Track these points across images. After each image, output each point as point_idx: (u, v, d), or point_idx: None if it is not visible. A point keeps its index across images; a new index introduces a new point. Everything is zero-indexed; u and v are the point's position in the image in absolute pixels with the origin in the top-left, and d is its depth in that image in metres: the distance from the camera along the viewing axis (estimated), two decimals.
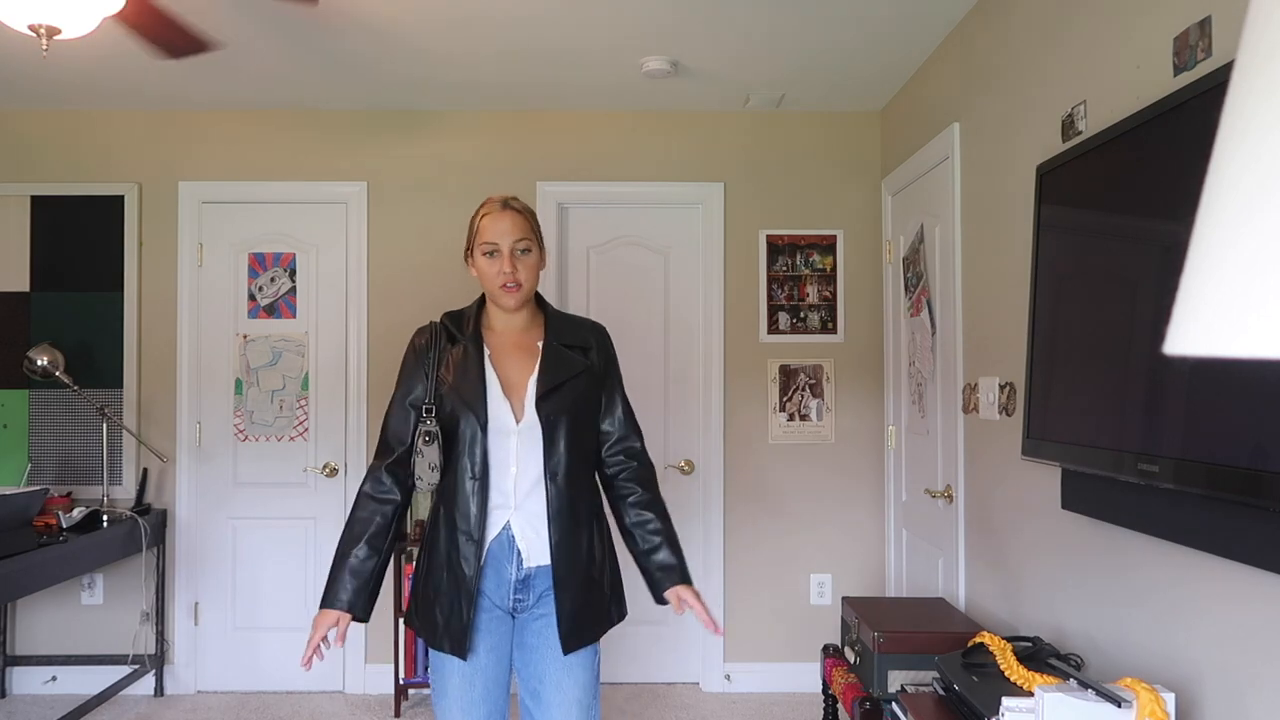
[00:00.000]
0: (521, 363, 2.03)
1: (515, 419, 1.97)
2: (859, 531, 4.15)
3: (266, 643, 4.13)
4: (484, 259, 2.01)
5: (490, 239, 2.00)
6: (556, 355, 2.02)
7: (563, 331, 2.07)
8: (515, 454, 1.97)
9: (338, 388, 4.16)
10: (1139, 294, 1.91)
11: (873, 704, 2.53)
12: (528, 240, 2.02)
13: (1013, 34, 2.75)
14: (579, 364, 2.03)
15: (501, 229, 2.00)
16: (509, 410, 1.98)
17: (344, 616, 1.95)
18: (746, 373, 4.16)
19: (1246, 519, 1.59)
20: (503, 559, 1.97)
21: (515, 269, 1.99)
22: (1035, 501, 2.55)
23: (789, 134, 4.20)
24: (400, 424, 2.05)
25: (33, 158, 4.15)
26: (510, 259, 1.99)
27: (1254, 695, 1.65)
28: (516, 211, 2.03)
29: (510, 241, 1.99)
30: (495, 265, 1.99)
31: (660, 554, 2.03)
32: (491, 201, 2.04)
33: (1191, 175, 1.70)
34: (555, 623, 1.95)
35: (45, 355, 3.87)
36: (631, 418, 2.13)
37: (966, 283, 3.09)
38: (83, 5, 2.23)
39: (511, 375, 2.02)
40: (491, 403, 1.97)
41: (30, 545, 3.23)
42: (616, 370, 2.14)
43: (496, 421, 1.96)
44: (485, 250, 2.01)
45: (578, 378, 2.01)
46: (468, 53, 3.47)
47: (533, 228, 2.04)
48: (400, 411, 2.06)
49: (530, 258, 2.02)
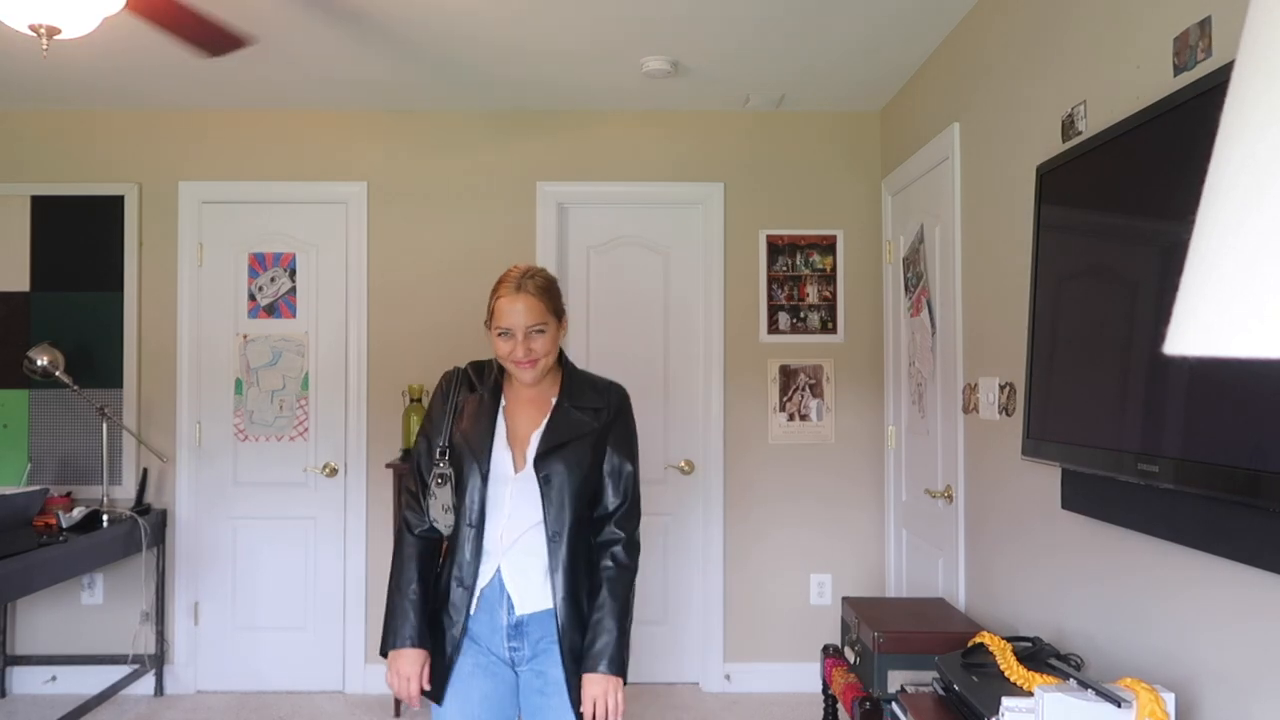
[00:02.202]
0: (531, 416, 2.03)
1: (514, 468, 1.99)
2: (859, 531, 4.15)
3: (266, 643, 4.13)
4: (499, 339, 1.99)
5: (504, 324, 1.97)
6: (565, 416, 2.01)
7: (577, 393, 2.06)
8: (510, 501, 1.98)
9: (338, 388, 4.16)
10: (1139, 294, 1.91)
11: (873, 704, 2.53)
12: (543, 324, 1.98)
13: (1013, 34, 2.75)
14: (586, 426, 2.01)
15: (515, 313, 1.96)
16: (509, 459, 1.99)
17: (424, 654, 1.97)
18: (746, 373, 4.16)
19: (1246, 519, 1.59)
20: (495, 604, 1.98)
21: (530, 350, 1.97)
22: (1035, 501, 2.55)
23: (789, 134, 4.20)
24: (426, 460, 2.06)
25: (33, 158, 4.15)
26: (525, 342, 1.96)
27: (1254, 695, 1.64)
28: (530, 295, 1.98)
29: (524, 326, 1.96)
30: (509, 346, 1.97)
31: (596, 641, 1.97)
32: (508, 281, 2.00)
33: (1191, 175, 1.70)
34: (561, 679, 1.94)
35: (45, 355, 3.87)
36: (630, 495, 2.05)
37: (966, 283, 3.09)
38: (83, 5, 2.23)
39: (519, 427, 2.03)
40: (495, 451, 1.99)
41: (30, 545, 3.23)
42: (625, 433, 2.08)
43: (498, 469, 1.98)
44: (499, 332, 1.98)
45: (582, 439, 2.00)
46: (468, 52, 3.47)
47: (549, 307, 2.00)
48: (427, 449, 2.06)
49: (545, 335, 1.99)
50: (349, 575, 4.12)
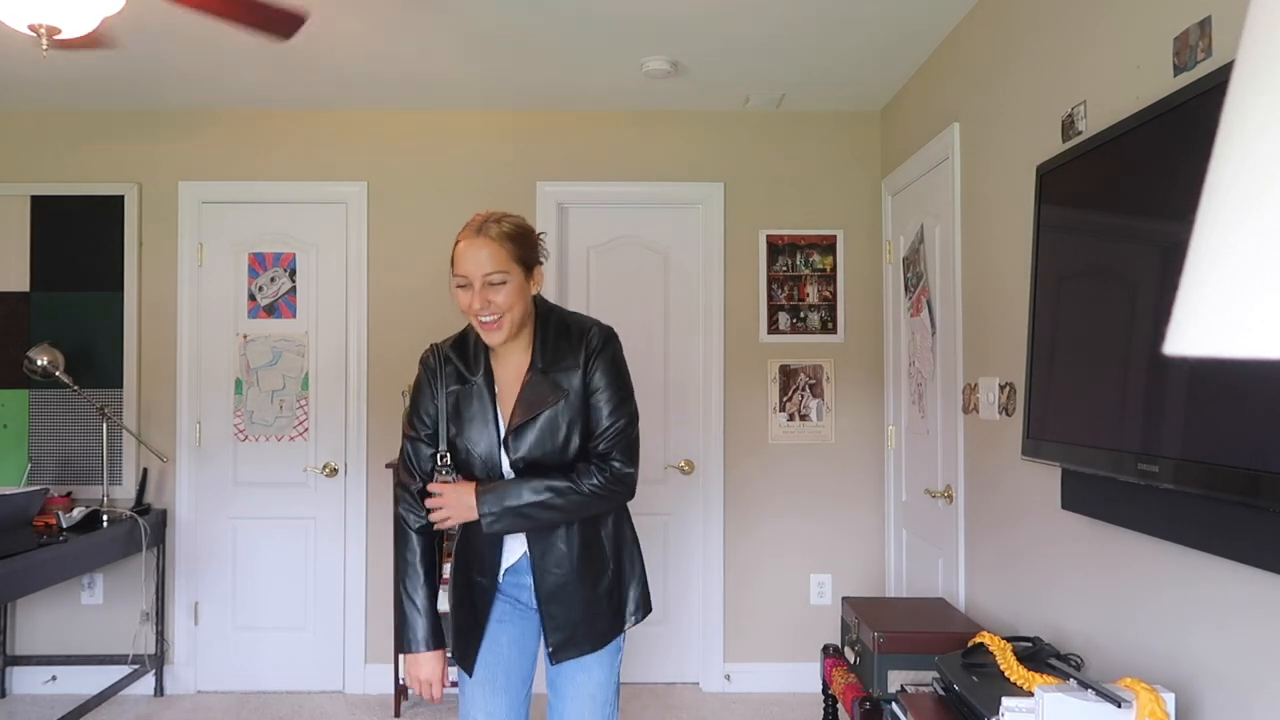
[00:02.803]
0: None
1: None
2: (859, 531, 4.15)
3: (266, 643, 4.13)
4: (459, 291, 1.84)
5: (460, 270, 1.82)
6: (534, 388, 1.88)
7: (552, 354, 1.90)
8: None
9: (338, 388, 4.16)
10: (1139, 294, 1.91)
11: (873, 704, 2.53)
12: (503, 272, 1.80)
13: (1013, 34, 2.75)
14: (556, 394, 1.87)
15: (471, 260, 1.80)
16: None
17: (441, 654, 1.98)
18: (746, 373, 4.16)
19: (1246, 519, 1.59)
20: (523, 573, 1.99)
21: (487, 303, 1.80)
22: (1035, 501, 2.55)
23: (789, 134, 4.20)
24: (420, 452, 1.98)
25: (33, 158, 4.15)
26: (482, 293, 1.80)
27: (1254, 695, 1.64)
28: (491, 240, 1.80)
29: (480, 274, 1.79)
30: (466, 298, 1.82)
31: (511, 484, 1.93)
32: (470, 225, 1.84)
33: (1191, 175, 1.70)
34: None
35: (45, 355, 3.87)
36: (620, 433, 1.91)
37: (966, 283, 3.09)
38: (83, 5, 2.23)
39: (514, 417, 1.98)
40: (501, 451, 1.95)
41: (30, 545, 3.23)
42: (610, 377, 1.91)
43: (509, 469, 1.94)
44: (459, 282, 1.83)
45: (553, 408, 1.87)
46: (468, 52, 3.47)
47: (512, 255, 1.82)
48: (414, 453, 1.99)
49: (507, 287, 1.81)
50: (349, 575, 4.12)
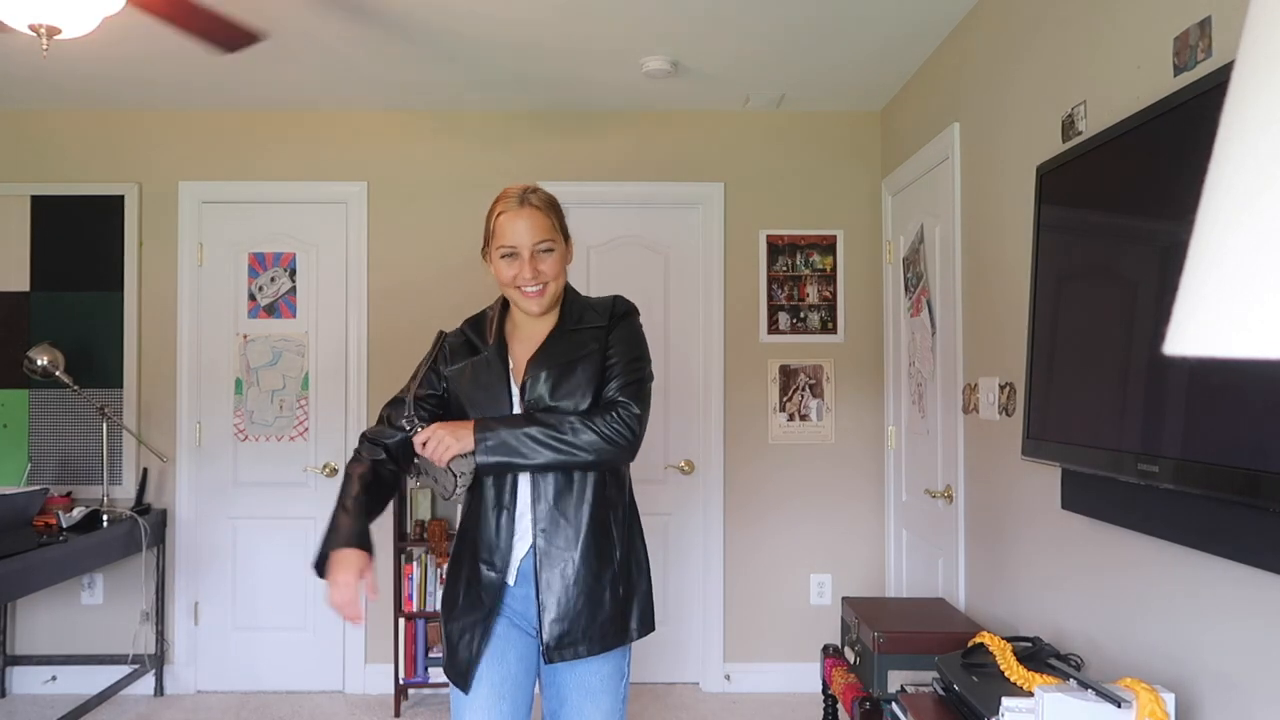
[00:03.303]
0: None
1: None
2: (859, 531, 4.15)
3: (266, 643, 4.13)
4: (502, 262, 1.82)
5: (508, 242, 1.81)
6: (557, 341, 1.84)
7: (575, 316, 1.89)
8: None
9: (338, 388, 4.16)
10: (1139, 294, 1.91)
11: (873, 704, 2.53)
12: (550, 240, 1.83)
13: (1013, 34, 2.75)
14: (586, 347, 1.83)
15: (519, 230, 1.80)
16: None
17: (364, 555, 1.75)
18: (746, 373, 4.16)
19: (1246, 519, 1.59)
20: (528, 582, 1.85)
21: (537, 272, 1.81)
22: (1035, 501, 2.55)
23: (789, 134, 4.20)
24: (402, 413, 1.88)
25: (33, 158, 4.15)
26: (532, 262, 1.80)
27: (1254, 695, 1.64)
28: (535, 209, 1.82)
29: (530, 243, 1.80)
30: (514, 269, 1.81)
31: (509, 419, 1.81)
32: (508, 197, 1.83)
33: (1191, 175, 1.70)
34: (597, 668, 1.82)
35: (45, 355, 3.87)
36: (633, 382, 1.83)
37: (966, 283, 3.09)
38: (83, 5, 2.23)
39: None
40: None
41: (30, 545, 3.23)
42: (630, 338, 1.88)
43: None
44: (503, 253, 1.82)
45: (583, 361, 1.82)
46: (468, 53, 3.47)
47: (555, 224, 1.85)
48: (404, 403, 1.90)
49: (554, 255, 1.84)
50: None
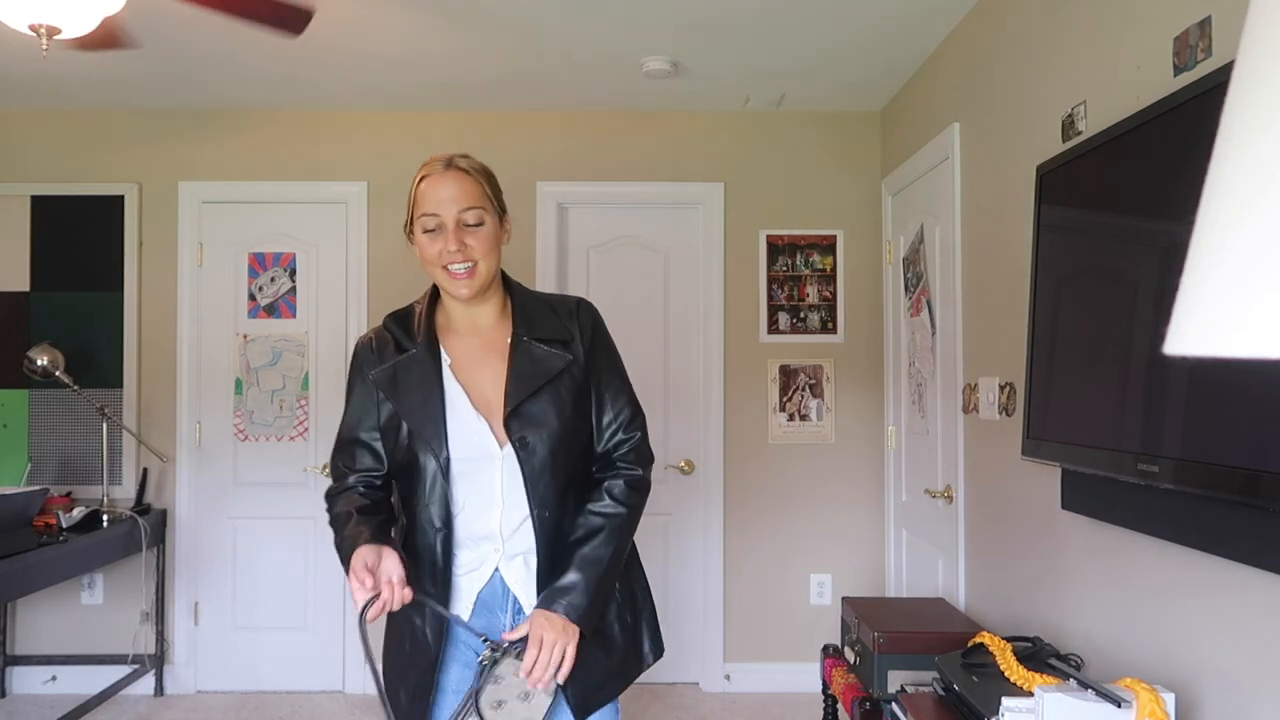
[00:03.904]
0: (497, 371, 1.62)
1: (498, 443, 1.58)
2: (859, 531, 4.15)
3: (266, 643, 4.13)
4: (425, 237, 1.57)
5: (429, 209, 1.56)
6: (528, 355, 1.60)
7: (535, 322, 1.64)
8: (500, 485, 1.58)
9: (338, 388, 4.15)
10: (1139, 294, 1.91)
11: (873, 704, 2.53)
12: (479, 209, 1.57)
13: (1013, 34, 2.75)
14: (556, 362, 1.60)
15: (442, 196, 1.56)
16: (488, 431, 1.58)
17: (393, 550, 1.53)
18: (746, 373, 4.16)
19: (1247, 519, 1.59)
20: (495, 607, 1.61)
21: (463, 245, 1.55)
22: (1035, 501, 2.55)
23: (789, 134, 4.20)
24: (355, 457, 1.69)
25: (33, 158, 4.15)
26: (456, 234, 1.55)
27: (1254, 695, 1.64)
28: (463, 171, 1.58)
29: (455, 211, 1.55)
30: (438, 243, 1.56)
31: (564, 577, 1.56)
32: (433, 161, 1.59)
33: (1191, 175, 1.70)
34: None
35: (45, 355, 3.87)
36: (632, 407, 1.69)
37: (966, 283, 3.09)
38: (83, 5, 2.23)
39: (486, 389, 1.61)
40: (459, 429, 1.58)
41: (30, 545, 3.23)
42: (608, 354, 1.70)
43: (471, 450, 1.58)
44: (425, 225, 1.57)
45: (557, 380, 1.59)
46: (468, 53, 3.47)
47: (486, 191, 1.60)
48: (348, 448, 1.70)
49: (484, 230, 1.58)
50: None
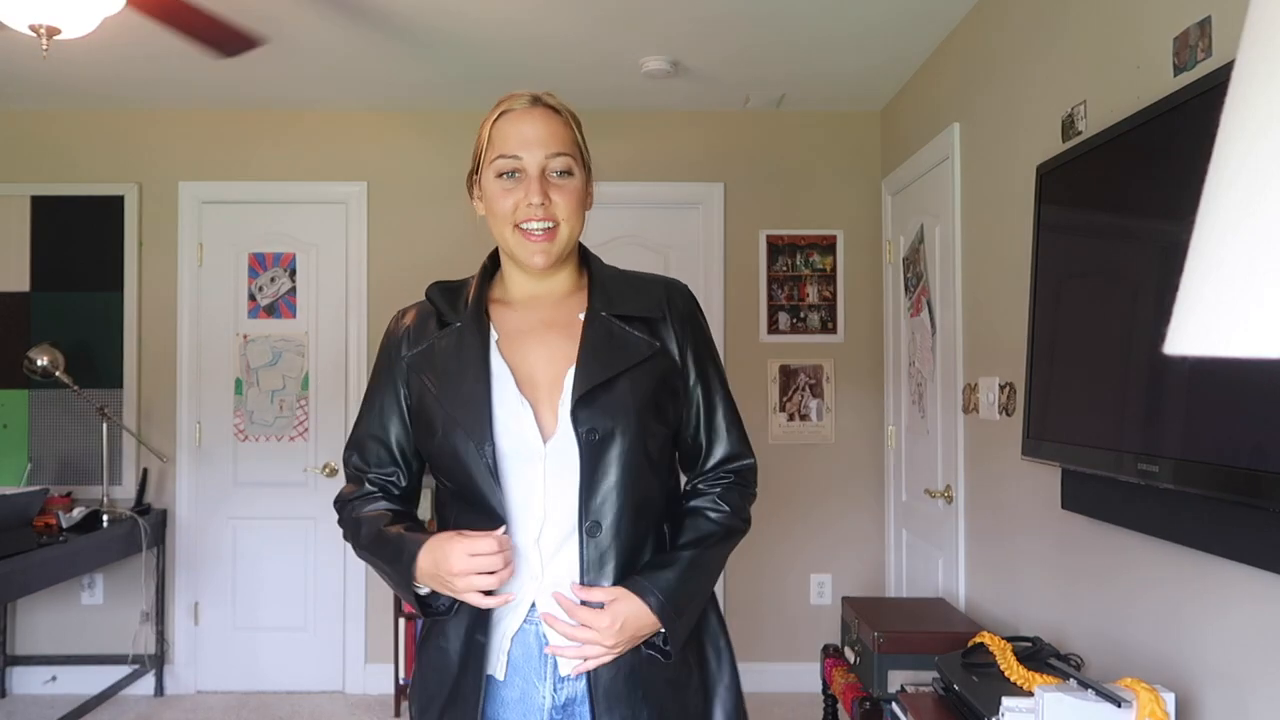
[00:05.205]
0: (553, 348, 1.28)
1: (542, 435, 1.24)
2: (859, 531, 4.15)
3: (266, 643, 4.13)
4: (497, 184, 1.25)
5: (511, 149, 1.24)
6: (606, 334, 1.27)
7: (616, 297, 1.31)
8: (542, 491, 1.24)
9: (338, 388, 4.16)
10: (1139, 294, 1.91)
11: (873, 704, 2.53)
12: (569, 156, 1.27)
13: (1013, 34, 2.75)
14: (642, 347, 1.28)
15: (527, 135, 1.24)
16: (531, 422, 1.24)
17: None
18: (746, 373, 4.15)
19: (1246, 519, 1.59)
20: (529, 672, 1.25)
21: (546, 199, 1.23)
22: (1035, 501, 2.55)
23: (789, 134, 4.20)
24: (372, 454, 1.39)
25: (33, 158, 4.15)
26: (541, 184, 1.23)
27: (1254, 695, 1.65)
28: (553, 110, 1.28)
29: (541, 156, 1.24)
30: (515, 194, 1.24)
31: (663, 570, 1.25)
32: (513, 96, 1.29)
33: (1191, 175, 1.70)
34: None
35: (45, 355, 3.87)
36: (738, 425, 1.42)
37: (966, 283, 3.09)
38: (83, 5, 2.23)
39: (536, 368, 1.28)
40: (502, 413, 1.24)
41: (30, 545, 3.23)
42: (708, 350, 1.40)
43: (512, 440, 1.24)
44: (501, 169, 1.25)
45: (640, 368, 1.27)
46: (467, 52, 3.47)
47: (578, 139, 1.31)
48: (366, 444, 1.39)
49: (572, 185, 1.26)
50: (349, 575, 4.12)
